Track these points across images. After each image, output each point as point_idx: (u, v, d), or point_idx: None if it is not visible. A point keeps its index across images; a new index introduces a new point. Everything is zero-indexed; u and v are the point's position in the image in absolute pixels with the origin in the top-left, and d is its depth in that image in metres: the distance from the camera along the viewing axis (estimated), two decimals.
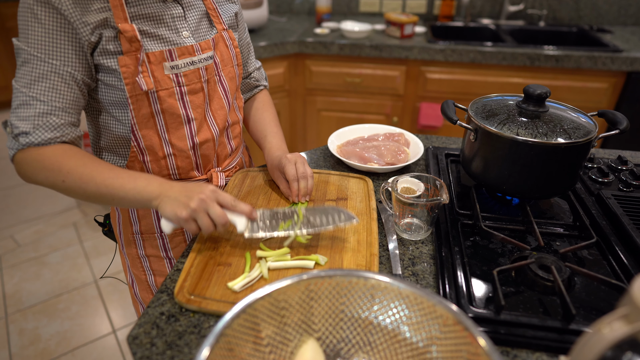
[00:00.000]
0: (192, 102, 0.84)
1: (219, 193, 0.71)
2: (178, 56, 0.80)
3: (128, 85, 0.75)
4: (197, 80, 0.83)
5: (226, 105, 0.91)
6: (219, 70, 0.88)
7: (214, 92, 0.88)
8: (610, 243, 0.75)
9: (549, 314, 0.62)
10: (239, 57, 0.93)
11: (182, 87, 0.81)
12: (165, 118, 0.81)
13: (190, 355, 0.58)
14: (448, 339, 0.49)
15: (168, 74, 0.79)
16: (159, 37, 0.78)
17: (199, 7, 0.86)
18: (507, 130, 0.78)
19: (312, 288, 0.53)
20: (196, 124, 0.85)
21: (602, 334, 0.38)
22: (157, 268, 0.96)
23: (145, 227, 0.92)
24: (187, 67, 0.81)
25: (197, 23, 0.85)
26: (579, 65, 1.85)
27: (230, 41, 0.91)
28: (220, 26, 0.89)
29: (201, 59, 0.83)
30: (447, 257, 0.72)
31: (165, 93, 0.79)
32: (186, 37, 0.82)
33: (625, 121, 0.80)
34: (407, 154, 1.05)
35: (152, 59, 0.76)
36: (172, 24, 0.80)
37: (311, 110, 2.25)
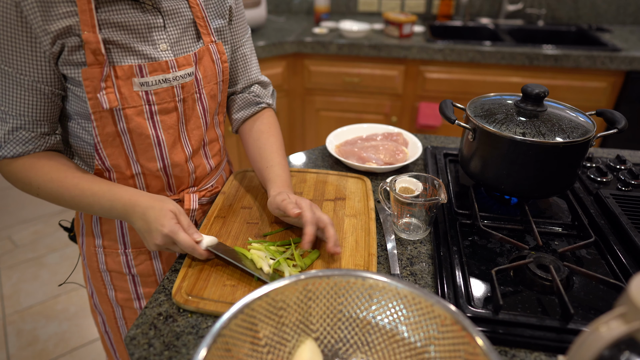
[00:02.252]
0: (164, 122, 0.76)
1: (174, 237, 0.67)
2: (149, 72, 0.71)
3: (91, 101, 0.68)
4: (169, 99, 0.75)
5: (203, 125, 0.83)
6: (200, 88, 0.79)
7: (191, 111, 0.80)
8: (608, 242, 0.75)
9: (547, 313, 0.62)
10: (225, 73, 0.84)
11: (152, 105, 0.73)
12: (133, 138, 0.74)
13: (188, 355, 0.58)
14: (446, 339, 0.49)
15: (137, 90, 0.71)
16: (130, 49, 0.70)
17: (185, 16, 0.76)
18: (505, 129, 0.78)
19: (309, 288, 0.53)
20: (168, 145, 0.78)
21: (599, 333, 0.38)
22: (118, 284, 0.90)
23: (108, 242, 0.86)
24: (158, 84, 0.72)
25: (180, 34, 0.76)
26: (578, 65, 1.85)
27: (218, 55, 0.82)
28: (208, 38, 0.80)
29: (177, 76, 0.74)
30: (446, 257, 0.72)
31: (132, 111, 0.71)
32: (163, 51, 0.73)
33: (623, 120, 0.80)
34: (405, 154, 1.05)
35: (119, 73, 0.69)
36: (148, 34, 0.71)
37: (310, 110, 2.25)
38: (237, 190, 0.92)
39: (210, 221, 0.82)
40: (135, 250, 0.86)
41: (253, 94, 0.93)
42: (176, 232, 0.67)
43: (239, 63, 0.91)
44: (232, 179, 0.96)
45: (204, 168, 0.87)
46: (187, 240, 0.67)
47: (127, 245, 0.86)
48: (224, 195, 0.90)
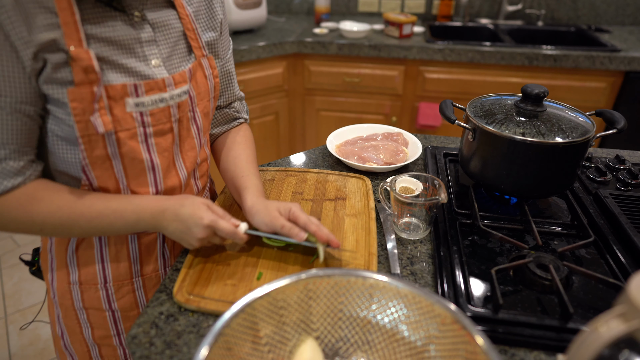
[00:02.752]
0: (159, 145, 0.69)
1: (215, 226, 0.66)
2: (145, 92, 0.65)
3: (79, 124, 0.60)
4: (166, 120, 0.69)
5: (197, 146, 0.78)
6: (194, 106, 0.74)
7: (186, 131, 0.74)
8: (608, 242, 0.75)
9: (546, 312, 0.63)
10: (217, 89, 0.79)
11: (147, 127, 0.67)
12: (125, 162, 0.67)
13: (189, 354, 0.58)
14: (446, 338, 0.49)
15: (131, 111, 0.64)
16: (121, 66, 0.63)
17: (175, 28, 0.70)
18: (505, 129, 0.79)
19: (310, 287, 0.53)
20: (162, 170, 0.71)
21: (599, 333, 0.38)
22: (96, 321, 0.80)
23: (86, 277, 0.77)
24: (154, 104, 0.66)
25: (171, 49, 0.69)
26: (577, 65, 1.86)
27: (210, 70, 0.76)
28: (199, 52, 0.74)
29: (173, 95, 0.68)
30: (446, 257, 0.72)
31: (125, 134, 0.65)
32: (156, 67, 0.67)
33: (622, 120, 0.80)
34: (405, 154, 1.05)
35: (111, 93, 0.62)
36: (140, 49, 0.65)
37: (310, 110, 2.25)
38: None
39: None
40: (117, 284, 0.78)
41: (233, 110, 0.91)
42: (216, 220, 0.66)
43: (224, 79, 0.87)
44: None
45: (192, 190, 0.81)
46: (228, 227, 0.67)
47: (108, 279, 0.77)
48: (224, 195, 0.91)
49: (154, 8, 0.67)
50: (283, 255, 0.74)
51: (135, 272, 0.79)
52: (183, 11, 0.71)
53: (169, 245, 0.82)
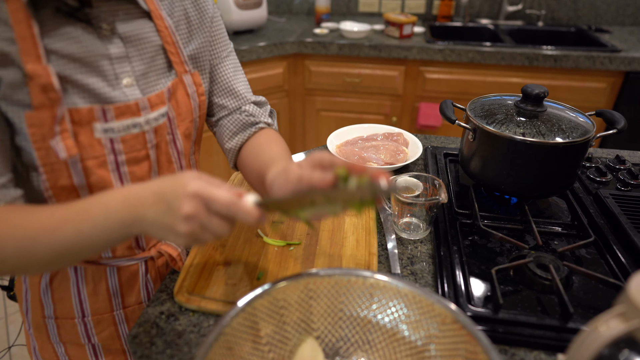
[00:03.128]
0: (133, 174, 0.62)
1: (206, 194, 0.46)
2: (115, 116, 0.57)
3: (39, 151, 0.54)
4: (140, 147, 0.61)
5: (178, 171, 0.70)
6: (173, 128, 0.66)
7: (164, 156, 0.66)
8: (608, 242, 0.75)
9: (547, 312, 0.63)
10: (203, 107, 0.71)
11: (118, 155, 0.59)
12: (93, 193, 0.59)
13: (189, 354, 0.58)
14: (446, 338, 0.49)
15: (99, 137, 0.57)
16: (86, 87, 0.55)
17: (151, 41, 0.62)
18: (505, 129, 0.79)
19: (311, 287, 0.54)
20: None
21: (599, 332, 0.38)
22: (75, 354, 0.75)
23: (62, 311, 0.71)
24: (127, 130, 0.59)
25: (147, 65, 0.61)
26: (578, 65, 1.86)
27: (194, 87, 0.68)
28: (180, 67, 0.66)
29: (149, 119, 0.60)
30: (446, 256, 0.72)
31: (93, 163, 0.58)
32: (127, 87, 0.59)
33: (622, 121, 0.80)
34: (406, 154, 1.05)
35: (76, 117, 0.55)
36: (109, 67, 0.57)
37: (310, 110, 2.26)
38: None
39: None
40: (97, 317, 0.71)
41: (246, 114, 0.75)
42: (207, 188, 0.46)
43: (220, 83, 0.75)
44: (233, 178, 0.97)
45: None
46: (226, 196, 0.46)
47: (86, 313, 0.71)
48: None
49: (127, 20, 0.59)
50: (283, 255, 0.74)
51: (116, 304, 0.72)
52: (162, 23, 0.63)
53: (152, 276, 0.74)
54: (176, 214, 0.45)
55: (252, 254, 0.75)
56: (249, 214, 0.46)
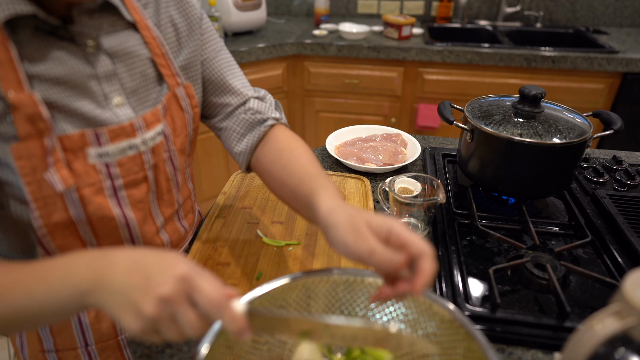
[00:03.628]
0: (131, 197, 0.59)
1: (194, 282, 0.40)
2: (110, 139, 0.53)
3: (30, 185, 0.49)
4: (138, 169, 0.58)
5: (175, 188, 0.67)
6: (169, 145, 0.62)
7: (162, 175, 0.63)
8: (604, 242, 0.75)
9: (544, 311, 0.63)
10: (197, 119, 0.68)
11: (115, 179, 0.56)
12: (93, 223, 0.56)
13: (189, 353, 0.58)
14: (444, 337, 0.49)
15: (94, 163, 0.53)
16: (75, 111, 0.51)
17: (139, 55, 0.58)
18: (503, 130, 0.79)
19: (309, 287, 0.54)
20: (138, 223, 0.61)
21: (594, 330, 0.39)
22: None
23: (62, 343, 0.67)
24: (122, 153, 0.55)
25: (138, 81, 0.58)
26: (575, 66, 1.86)
27: (188, 100, 0.64)
28: (172, 80, 0.62)
29: (146, 139, 0.57)
30: (444, 257, 0.73)
31: (90, 190, 0.54)
32: (118, 106, 0.55)
33: (619, 121, 0.81)
34: (404, 155, 1.06)
35: (68, 144, 0.51)
36: (98, 87, 0.53)
37: (309, 112, 2.26)
38: (238, 191, 0.93)
39: (211, 221, 0.83)
40: (101, 345, 0.67)
41: (251, 112, 0.70)
42: (197, 276, 0.40)
43: (215, 81, 0.70)
44: (233, 179, 0.97)
45: (179, 233, 0.71)
46: (214, 293, 0.39)
47: (90, 342, 0.67)
48: (224, 196, 0.91)
49: (112, 33, 0.55)
50: (282, 255, 0.75)
51: (121, 329, 0.69)
52: (149, 34, 0.59)
53: None
54: (151, 291, 0.39)
55: (251, 254, 0.75)
56: (234, 321, 0.40)
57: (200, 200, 2.10)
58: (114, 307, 0.41)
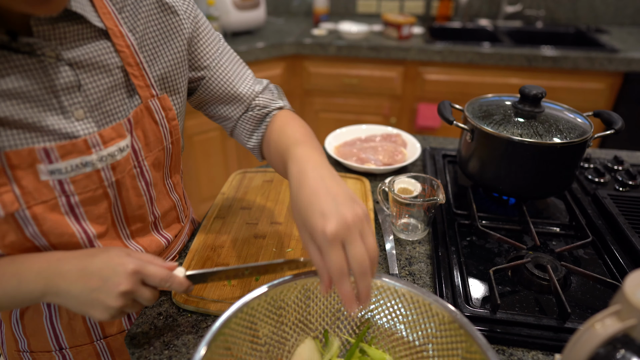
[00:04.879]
0: (90, 213, 0.56)
1: (143, 271, 0.51)
2: (60, 157, 0.50)
3: None
4: (95, 186, 0.55)
5: (147, 202, 0.64)
6: (140, 160, 0.59)
7: (130, 191, 0.60)
8: (606, 242, 0.75)
9: (544, 312, 0.63)
10: (175, 132, 0.64)
11: (70, 196, 0.53)
12: (51, 240, 0.54)
13: (188, 355, 0.58)
14: (444, 337, 0.49)
15: (46, 180, 0.50)
16: (29, 125, 0.49)
17: (109, 65, 0.54)
18: (503, 130, 0.79)
19: (308, 287, 0.54)
20: (99, 236, 0.58)
21: (594, 331, 0.39)
22: None
23: (36, 345, 0.67)
24: (76, 170, 0.52)
25: (104, 93, 0.54)
26: (576, 66, 1.86)
27: (163, 112, 0.61)
28: (146, 92, 0.58)
29: (102, 156, 0.53)
30: (444, 257, 0.72)
31: (43, 208, 0.51)
32: (79, 120, 0.52)
33: (620, 121, 0.80)
34: (404, 155, 1.05)
35: (15, 161, 0.48)
36: (56, 100, 0.50)
37: (309, 112, 2.26)
38: (237, 191, 0.93)
39: (210, 222, 0.83)
40: (75, 349, 0.68)
41: (257, 108, 0.70)
42: (144, 265, 0.51)
43: (223, 92, 0.69)
44: (231, 179, 0.97)
45: (158, 244, 0.69)
46: (160, 271, 0.51)
47: (64, 345, 0.67)
48: (223, 196, 0.91)
49: (78, 42, 0.51)
50: (282, 255, 0.74)
51: (96, 335, 0.68)
52: (122, 41, 0.55)
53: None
54: (113, 289, 0.49)
55: (250, 254, 0.75)
56: (181, 284, 0.53)
57: (199, 200, 2.10)
58: (77, 306, 0.51)
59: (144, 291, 0.52)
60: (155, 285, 0.52)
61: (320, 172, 0.50)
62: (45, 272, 0.50)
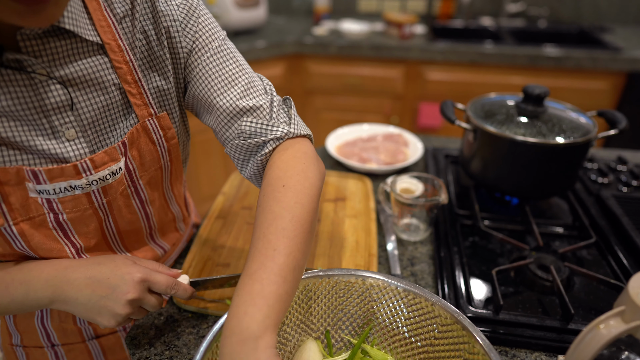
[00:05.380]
0: (79, 230, 0.55)
1: (150, 279, 0.52)
2: (48, 179, 0.49)
3: None
4: (84, 207, 0.53)
5: (142, 219, 0.62)
6: (135, 180, 0.57)
7: (123, 209, 0.58)
8: (609, 243, 0.74)
9: (547, 313, 0.62)
10: (174, 150, 0.60)
11: (59, 214, 0.52)
12: (39, 254, 0.53)
13: (188, 355, 0.58)
14: (447, 339, 0.49)
15: (34, 197, 0.50)
16: (17, 144, 0.47)
17: (105, 82, 0.51)
18: (506, 130, 0.78)
19: (310, 287, 0.53)
20: (87, 250, 0.58)
21: (598, 332, 0.38)
22: None
23: (29, 341, 0.68)
24: (64, 193, 0.51)
25: (98, 112, 0.52)
26: (580, 66, 1.85)
27: (161, 132, 0.57)
28: (143, 111, 0.55)
29: (92, 181, 0.52)
30: (446, 258, 0.72)
31: (30, 224, 0.51)
32: (70, 140, 0.50)
33: (624, 121, 0.80)
34: (406, 154, 1.05)
35: (3, 178, 0.47)
36: (45, 119, 0.48)
37: (310, 111, 2.25)
38: (238, 191, 0.93)
39: (210, 222, 0.82)
40: (67, 346, 0.68)
41: (243, 137, 0.55)
42: (150, 273, 0.53)
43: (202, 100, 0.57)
44: (232, 179, 0.96)
45: (153, 253, 0.69)
46: (166, 279, 0.54)
47: (55, 342, 0.67)
48: (224, 196, 0.91)
49: (71, 57, 0.48)
50: None
51: (88, 335, 0.68)
52: (120, 57, 0.52)
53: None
54: (121, 297, 0.50)
55: None
56: (186, 291, 0.56)
57: (200, 200, 2.09)
58: (84, 313, 0.52)
59: (150, 298, 0.53)
60: (161, 292, 0.54)
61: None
62: (53, 280, 0.51)
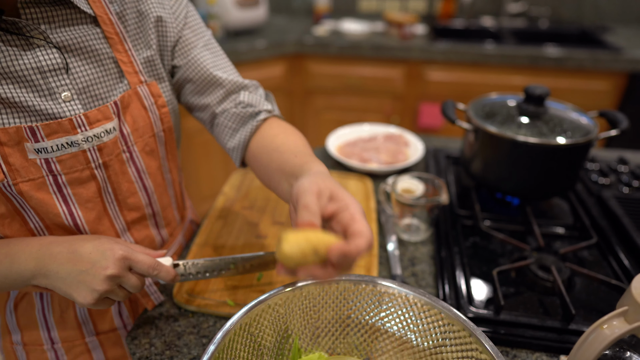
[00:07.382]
0: (78, 196, 0.57)
1: (131, 257, 0.53)
2: (45, 136, 0.52)
3: None
4: (82, 167, 0.56)
5: (140, 191, 0.64)
6: (130, 145, 0.60)
7: (120, 176, 0.61)
8: (610, 244, 0.74)
9: (548, 314, 0.62)
10: (166, 120, 0.64)
11: (58, 176, 0.55)
12: (40, 215, 0.56)
13: (189, 355, 0.58)
14: (455, 346, 0.48)
15: (33, 158, 0.52)
16: (14, 104, 0.51)
17: (97, 49, 0.56)
18: (507, 130, 0.78)
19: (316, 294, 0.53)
20: (88, 223, 0.59)
21: (601, 333, 0.38)
22: None
23: (29, 338, 0.68)
24: (62, 150, 0.53)
25: (93, 77, 0.56)
26: (581, 66, 1.85)
27: (152, 99, 0.62)
28: (134, 78, 0.60)
29: (88, 137, 0.55)
30: (447, 258, 0.72)
31: (29, 186, 0.53)
32: (66, 102, 0.54)
33: (625, 121, 0.80)
34: (406, 155, 1.05)
35: (3, 138, 0.50)
36: (43, 81, 0.52)
37: (310, 111, 2.25)
38: (238, 191, 0.92)
39: (211, 222, 0.82)
40: (67, 344, 0.68)
41: (242, 105, 0.65)
42: (132, 252, 0.53)
43: (201, 78, 0.65)
44: (232, 179, 0.96)
45: (151, 240, 0.69)
46: (147, 259, 0.54)
47: (55, 340, 0.68)
48: (224, 196, 0.90)
49: (67, 27, 0.54)
50: None
51: (88, 332, 0.68)
52: (111, 29, 0.57)
53: (127, 304, 0.70)
54: (100, 272, 0.51)
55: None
56: (168, 273, 0.56)
57: (200, 200, 2.09)
58: (64, 287, 0.52)
59: (131, 277, 0.53)
60: (142, 272, 0.54)
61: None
62: (37, 253, 0.53)
